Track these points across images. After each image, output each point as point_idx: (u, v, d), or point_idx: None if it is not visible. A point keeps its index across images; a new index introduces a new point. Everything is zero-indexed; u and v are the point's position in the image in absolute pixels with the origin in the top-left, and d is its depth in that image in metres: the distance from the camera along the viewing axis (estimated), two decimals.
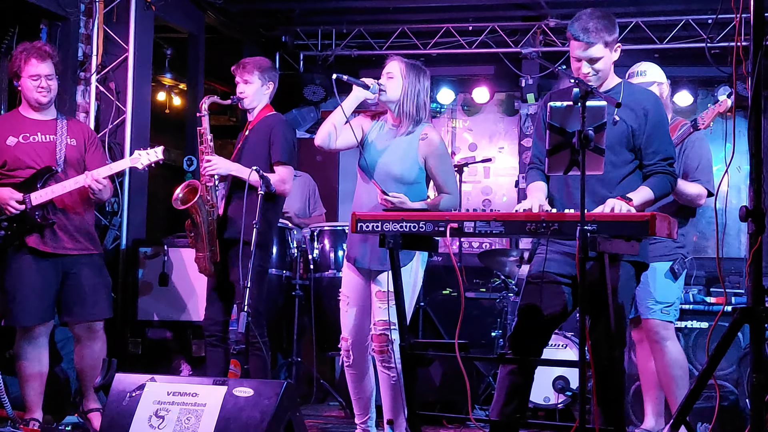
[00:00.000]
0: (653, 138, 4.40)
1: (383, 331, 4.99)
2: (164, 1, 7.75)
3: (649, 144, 4.40)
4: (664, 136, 4.44)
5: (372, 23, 9.61)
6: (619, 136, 4.38)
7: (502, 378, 4.54)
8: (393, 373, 4.99)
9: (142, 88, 7.57)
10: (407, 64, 5.12)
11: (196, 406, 4.34)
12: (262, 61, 5.71)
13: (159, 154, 5.63)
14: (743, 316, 3.73)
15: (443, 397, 6.58)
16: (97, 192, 5.52)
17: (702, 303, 6.63)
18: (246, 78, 5.63)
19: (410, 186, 5.06)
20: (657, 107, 4.46)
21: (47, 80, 5.56)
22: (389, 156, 5.10)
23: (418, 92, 5.09)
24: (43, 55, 5.53)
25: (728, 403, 6.12)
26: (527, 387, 4.55)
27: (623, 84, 4.52)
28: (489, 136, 10.53)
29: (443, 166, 5.13)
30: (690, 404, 3.91)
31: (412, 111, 5.08)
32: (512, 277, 7.51)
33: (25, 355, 5.57)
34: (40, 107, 5.62)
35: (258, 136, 5.62)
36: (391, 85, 5.09)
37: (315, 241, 7.06)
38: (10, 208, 5.41)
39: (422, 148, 5.06)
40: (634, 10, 8.83)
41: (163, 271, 6.89)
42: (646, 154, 4.41)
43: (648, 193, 4.31)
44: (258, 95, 5.66)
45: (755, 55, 3.72)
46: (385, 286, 4.94)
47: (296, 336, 7.17)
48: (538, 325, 4.46)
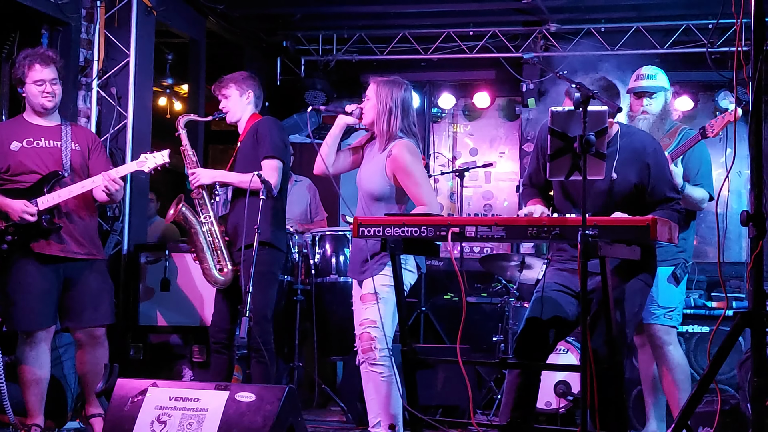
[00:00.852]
0: (656, 188, 4.50)
1: (365, 330, 5.00)
2: (165, 6, 7.76)
3: (654, 193, 4.50)
4: (666, 183, 4.54)
5: (373, 28, 9.61)
6: (623, 193, 4.45)
7: (510, 381, 4.56)
8: (380, 370, 4.99)
9: (143, 93, 7.58)
10: (379, 83, 5.19)
11: (198, 411, 4.35)
12: (237, 74, 5.89)
13: (165, 157, 5.66)
14: (744, 321, 3.73)
15: (445, 401, 6.58)
16: (114, 192, 5.53)
17: (703, 307, 6.64)
18: (224, 93, 5.82)
19: (386, 202, 5.12)
20: (656, 154, 4.54)
21: (52, 85, 5.57)
22: (365, 173, 5.21)
23: (390, 109, 5.13)
24: (46, 60, 5.54)
25: (729, 407, 6.11)
26: (534, 391, 4.58)
27: (620, 132, 4.55)
28: (490, 140, 10.54)
29: (409, 179, 5.05)
30: (691, 408, 3.91)
31: (384, 128, 5.14)
32: (513, 282, 7.51)
33: (26, 360, 5.57)
34: (45, 112, 5.63)
35: (247, 142, 5.74)
36: (367, 107, 5.20)
37: (316, 245, 7.07)
38: (26, 217, 5.42)
39: (389, 165, 5.09)
40: (635, 15, 8.85)
41: (165, 276, 6.89)
42: (652, 201, 4.49)
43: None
44: (239, 106, 5.82)
45: (756, 59, 3.72)
46: (365, 290, 5.04)
47: (297, 341, 7.17)
48: (544, 331, 4.50)
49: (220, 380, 5.47)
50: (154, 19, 7.71)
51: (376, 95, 5.15)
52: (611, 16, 8.96)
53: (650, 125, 5.54)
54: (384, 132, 5.13)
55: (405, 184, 5.06)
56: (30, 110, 5.66)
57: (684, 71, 9.12)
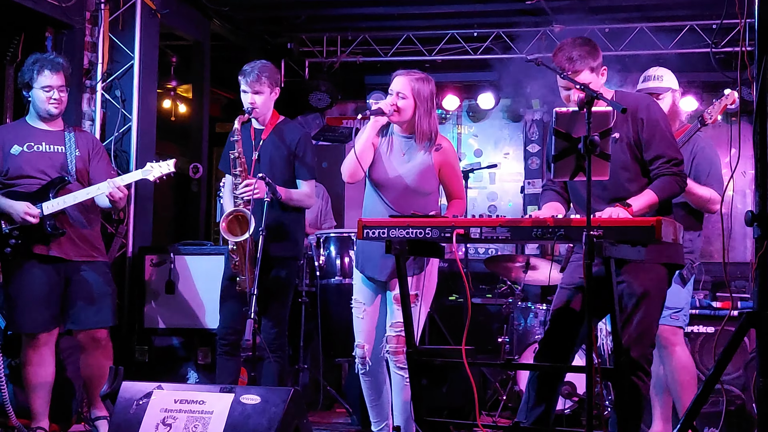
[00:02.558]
0: (652, 143, 4.39)
1: (400, 332, 5.01)
2: (170, 8, 7.77)
3: (649, 149, 4.39)
4: (662, 139, 4.41)
5: (377, 30, 9.62)
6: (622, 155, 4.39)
7: (532, 381, 4.57)
8: (406, 374, 4.99)
9: (147, 95, 7.58)
10: (416, 81, 5.12)
11: (204, 413, 4.35)
12: (268, 68, 5.61)
13: (171, 166, 5.63)
14: (750, 321, 3.72)
15: (450, 403, 6.57)
16: (117, 200, 5.52)
17: (708, 308, 6.62)
18: (258, 89, 5.52)
19: (427, 197, 5.14)
20: (650, 110, 4.44)
21: (59, 92, 5.58)
22: (406, 168, 5.15)
23: (431, 110, 5.14)
24: (57, 66, 5.55)
25: (735, 407, 6.11)
26: (555, 391, 4.59)
27: (615, 96, 4.50)
28: (494, 141, 10.54)
29: (456, 174, 5.25)
30: (697, 409, 3.91)
31: (426, 127, 5.13)
32: (518, 283, 7.50)
33: (30, 363, 5.57)
34: (50, 118, 5.64)
35: (277, 147, 5.58)
36: (404, 104, 5.11)
37: (321, 247, 7.07)
38: (28, 218, 5.42)
39: (437, 161, 5.13)
40: (639, 16, 8.84)
41: (170, 279, 6.88)
42: (648, 159, 4.41)
43: (651, 196, 4.30)
44: (268, 104, 5.61)
45: (760, 59, 3.72)
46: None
47: (303, 343, 7.17)
48: (569, 329, 4.50)
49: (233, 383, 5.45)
50: (158, 21, 7.72)
51: (414, 93, 5.09)
52: (615, 17, 8.95)
53: None
54: (426, 131, 5.12)
55: (450, 179, 5.18)
56: (34, 114, 5.65)
57: (688, 72, 9.11)
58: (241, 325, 5.55)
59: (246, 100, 5.56)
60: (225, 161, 5.58)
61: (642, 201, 4.26)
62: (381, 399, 5.29)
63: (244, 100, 5.57)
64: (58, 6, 6.91)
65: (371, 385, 5.28)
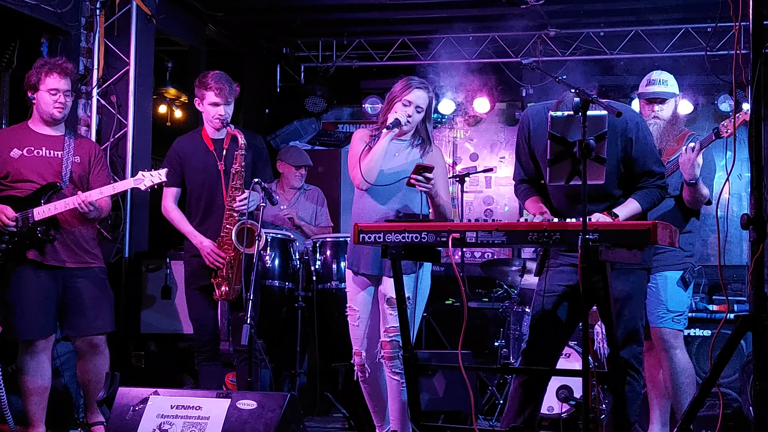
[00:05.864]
0: (640, 161, 4.49)
1: (394, 337, 5.02)
2: (165, 14, 7.77)
3: (637, 166, 4.49)
4: (650, 156, 4.51)
5: (372, 34, 9.63)
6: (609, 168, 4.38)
7: (515, 389, 4.57)
8: (403, 379, 4.99)
9: (143, 101, 7.58)
10: (432, 95, 5.27)
11: (200, 419, 4.35)
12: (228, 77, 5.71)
13: (162, 176, 5.62)
14: (746, 324, 3.72)
15: (447, 407, 6.57)
16: (87, 213, 5.51)
17: (705, 311, 6.63)
18: (230, 99, 5.63)
19: (416, 196, 5.16)
20: (639, 128, 4.50)
21: (65, 96, 5.58)
22: (397, 168, 5.19)
23: (431, 116, 5.30)
24: (65, 71, 5.56)
25: (732, 410, 6.11)
26: (539, 398, 4.59)
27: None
28: (490, 146, 10.54)
29: (443, 173, 5.28)
30: (694, 412, 3.91)
31: (425, 133, 5.28)
32: (515, 287, 7.50)
33: (27, 369, 5.57)
34: (53, 122, 5.63)
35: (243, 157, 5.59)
36: (418, 117, 5.21)
37: (317, 252, 7.05)
38: (4, 220, 5.41)
39: (428, 160, 5.17)
40: (634, 20, 8.86)
41: (166, 284, 6.88)
42: (635, 174, 4.50)
43: (635, 206, 4.43)
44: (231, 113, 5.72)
45: (754, 62, 3.72)
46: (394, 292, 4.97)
47: (299, 348, 7.16)
48: (550, 336, 4.51)
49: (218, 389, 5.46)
50: (154, 27, 7.72)
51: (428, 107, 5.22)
52: (610, 21, 8.96)
53: (660, 130, 5.53)
54: (424, 136, 5.28)
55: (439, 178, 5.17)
56: (36, 118, 5.65)
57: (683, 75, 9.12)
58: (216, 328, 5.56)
59: (218, 111, 5.60)
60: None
61: (627, 210, 4.38)
62: (382, 403, 5.31)
63: (215, 111, 5.60)
64: (54, 12, 6.92)
65: (372, 392, 5.30)
